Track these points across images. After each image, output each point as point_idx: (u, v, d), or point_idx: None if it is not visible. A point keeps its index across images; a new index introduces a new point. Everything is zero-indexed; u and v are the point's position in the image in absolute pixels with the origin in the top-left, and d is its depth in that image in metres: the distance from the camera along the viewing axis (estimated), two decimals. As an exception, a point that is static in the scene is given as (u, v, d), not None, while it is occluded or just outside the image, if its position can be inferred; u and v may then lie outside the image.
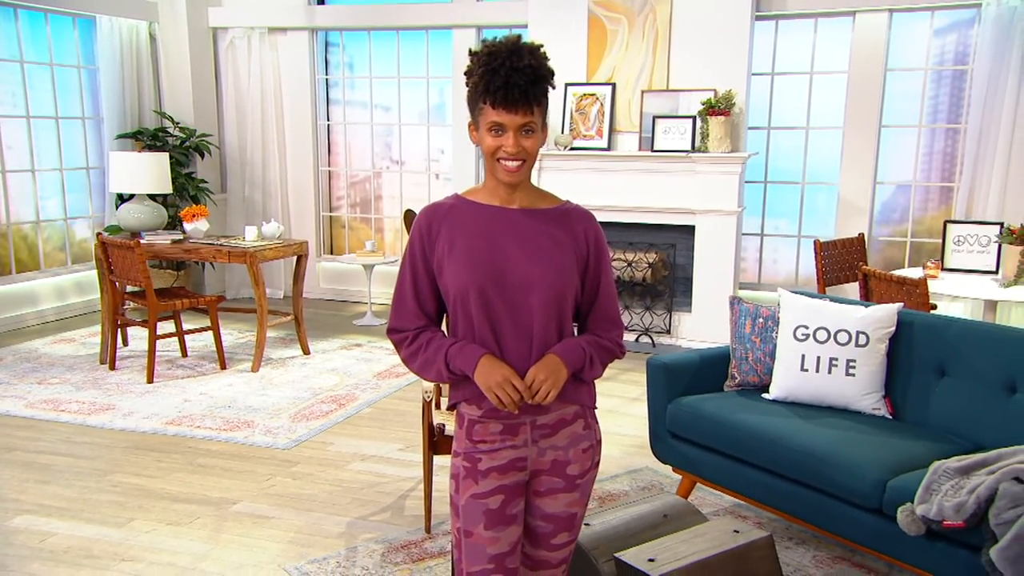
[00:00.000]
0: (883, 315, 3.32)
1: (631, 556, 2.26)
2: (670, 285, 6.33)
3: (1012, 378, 2.99)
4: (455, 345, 1.88)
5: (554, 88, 1.85)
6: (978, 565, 2.46)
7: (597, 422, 2.02)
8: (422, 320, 1.94)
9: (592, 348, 1.93)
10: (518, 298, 1.85)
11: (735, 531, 2.41)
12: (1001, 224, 4.94)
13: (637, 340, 6.34)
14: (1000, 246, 4.82)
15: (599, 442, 2.01)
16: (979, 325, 3.27)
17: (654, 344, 6.27)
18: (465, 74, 1.84)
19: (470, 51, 1.84)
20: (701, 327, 6.18)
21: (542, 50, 1.82)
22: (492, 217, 1.89)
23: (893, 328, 3.31)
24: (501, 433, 1.90)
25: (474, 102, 1.83)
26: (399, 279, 1.95)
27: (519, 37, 1.82)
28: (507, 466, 1.91)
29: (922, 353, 3.27)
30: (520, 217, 1.89)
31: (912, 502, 2.60)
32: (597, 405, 2.03)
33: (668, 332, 6.35)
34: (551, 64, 1.84)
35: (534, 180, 6.46)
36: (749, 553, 2.34)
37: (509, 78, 1.74)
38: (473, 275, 1.84)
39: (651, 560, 2.23)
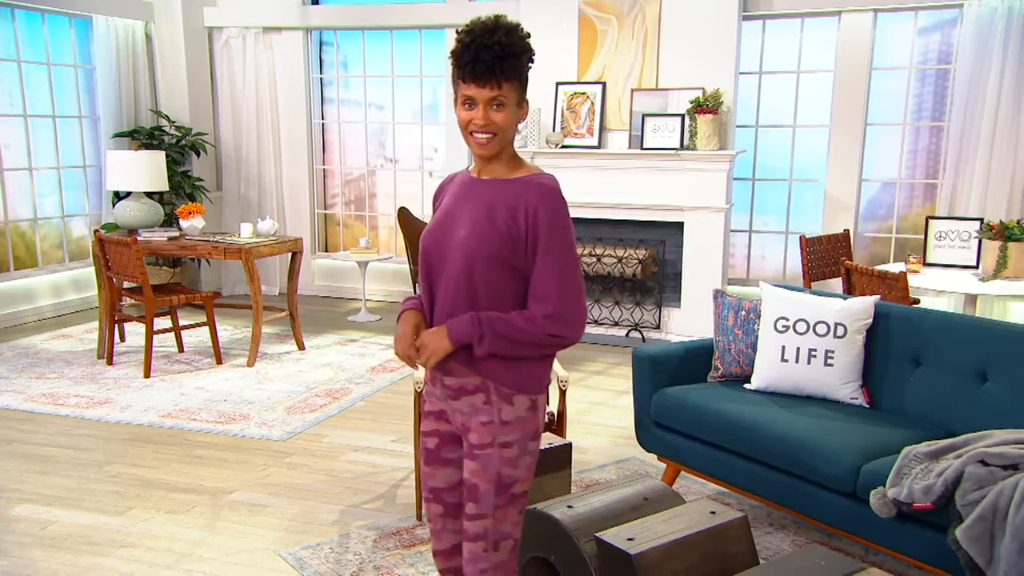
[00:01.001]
0: (860, 307, 3.41)
1: (611, 535, 2.35)
2: (659, 281, 6.42)
3: (983, 367, 3.09)
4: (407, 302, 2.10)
5: (531, 63, 1.93)
6: (945, 544, 2.56)
7: (511, 404, 1.97)
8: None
9: (487, 325, 1.89)
10: (449, 263, 1.97)
11: (712, 512, 2.50)
12: (981, 220, 5.04)
13: (627, 335, 6.44)
14: (980, 241, 4.92)
15: (507, 424, 1.96)
16: (953, 317, 3.36)
17: (644, 339, 6.36)
18: (450, 53, 1.94)
19: (456, 30, 1.95)
20: (690, 322, 6.27)
21: (521, 30, 1.90)
22: (465, 186, 2.03)
23: (870, 320, 3.40)
24: (431, 381, 2.08)
25: (453, 78, 1.94)
26: None
27: (499, 17, 1.91)
28: (438, 414, 2.11)
29: (898, 344, 3.36)
30: (480, 186, 1.99)
31: (884, 486, 2.70)
32: (530, 389, 1.98)
33: (658, 327, 6.45)
34: (537, 50, 1.95)
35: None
36: (725, 532, 2.43)
37: (477, 53, 1.85)
38: (427, 236, 2.02)
39: (630, 539, 2.32)
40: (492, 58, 1.84)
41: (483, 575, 1.99)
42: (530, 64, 1.93)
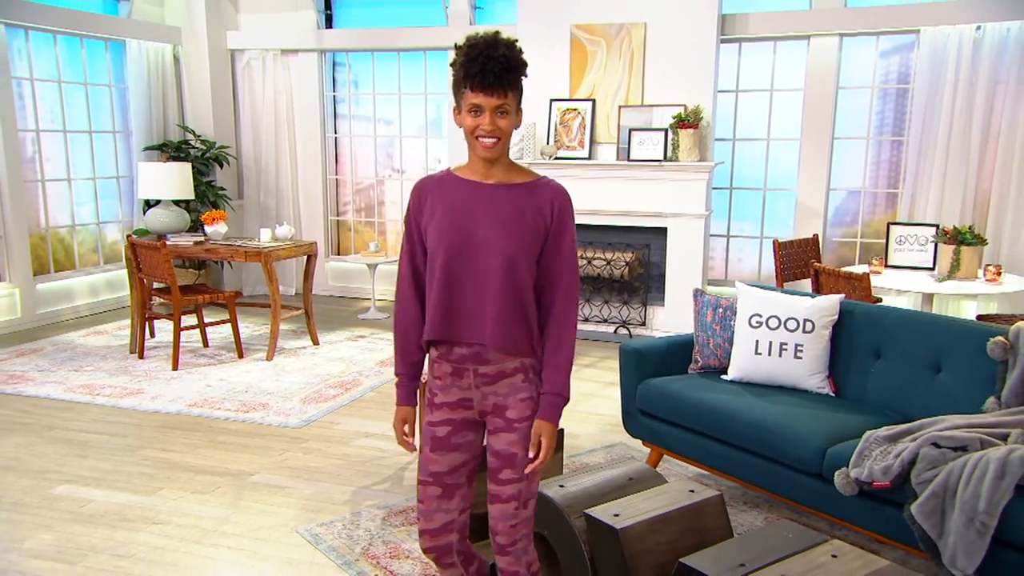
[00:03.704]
0: (827, 305, 3.44)
1: (599, 512, 2.38)
2: (645, 282, 6.45)
3: (937, 359, 3.13)
4: (402, 378, 2.14)
5: (526, 76, 1.96)
6: (901, 519, 2.59)
7: (543, 380, 2.04)
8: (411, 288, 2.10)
9: (556, 383, 2.00)
10: (479, 261, 1.95)
11: (690, 491, 2.53)
12: (937, 226, 5.07)
13: (615, 331, 6.46)
14: (936, 245, 4.96)
15: (542, 396, 2.03)
16: (911, 313, 3.39)
17: (631, 335, 6.39)
18: (451, 64, 1.96)
19: (455, 44, 1.96)
20: (673, 319, 6.30)
21: (517, 45, 1.93)
22: (470, 189, 2.00)
23: (836, 316, 3.44)
24: (451, 374, 2.04)
25: (457, 87, 1.94)
26: (403, 245, 2.11)
27: (497, 32, 1.93)
28: (456, 403, 2.06)
29: (861, 338, 3.39)
30: (494, 190, 1.99)
31: (847, 467, 2.73)
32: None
33: (643, 324, 6.47)
34: (533, 70, 1.99)
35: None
36: (702, 509, 2.46)
37: (485, 65, 1.87)
38: (445, 238, 1.97)
39: (616, 515, 2.35)
40: (500, 70, 1.87)
41: (514, 529, 2.04)
42: (524, 76, 1.96)
